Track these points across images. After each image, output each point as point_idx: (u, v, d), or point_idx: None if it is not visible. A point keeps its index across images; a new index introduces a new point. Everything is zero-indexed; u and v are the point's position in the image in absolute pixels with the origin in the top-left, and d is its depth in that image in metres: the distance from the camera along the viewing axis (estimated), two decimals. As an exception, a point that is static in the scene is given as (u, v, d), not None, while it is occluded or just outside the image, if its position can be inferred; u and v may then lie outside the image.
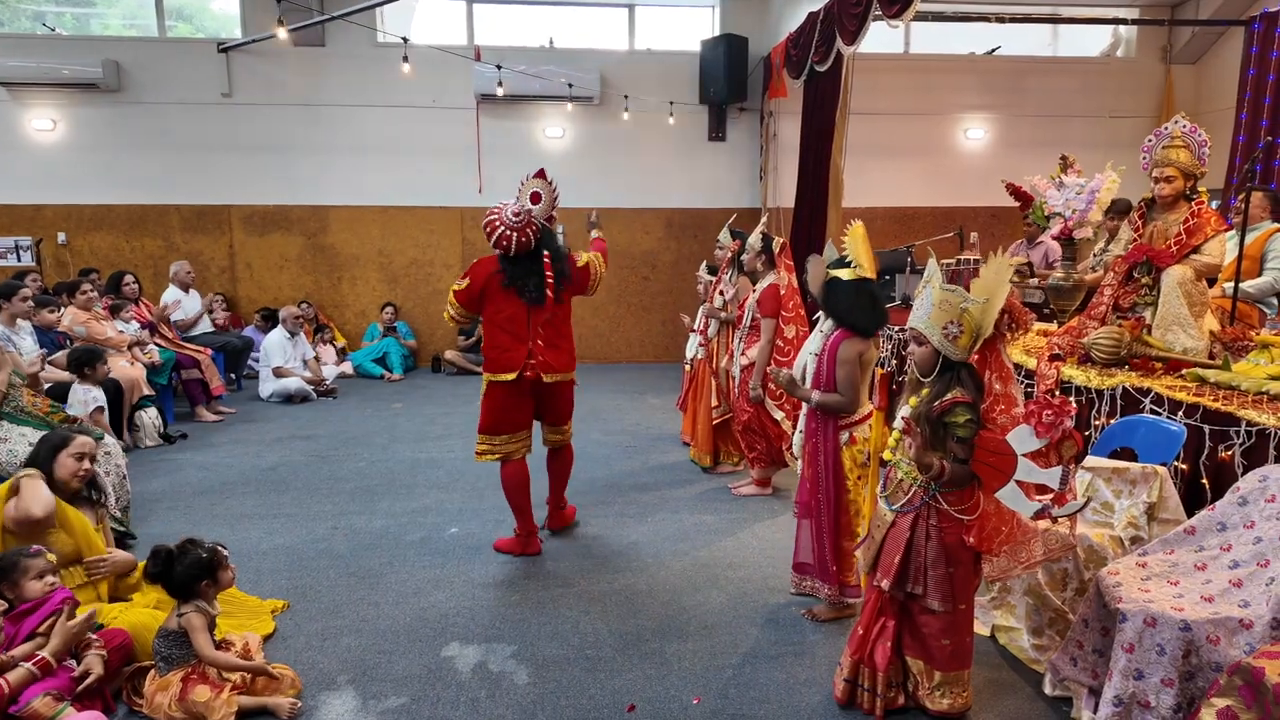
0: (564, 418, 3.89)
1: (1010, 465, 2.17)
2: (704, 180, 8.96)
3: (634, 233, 9.02)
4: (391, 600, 3.36)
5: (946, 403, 2.28)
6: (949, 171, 9.03)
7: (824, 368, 3.01)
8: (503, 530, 4.09)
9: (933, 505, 2.35)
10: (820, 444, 3.06)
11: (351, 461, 5.31)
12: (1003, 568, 2.32)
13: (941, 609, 2.35)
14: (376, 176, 8.54)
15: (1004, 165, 7.16)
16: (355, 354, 8.43)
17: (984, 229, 8.76)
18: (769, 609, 3.31)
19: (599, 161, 8.78)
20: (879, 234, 8.93)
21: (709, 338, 5.09)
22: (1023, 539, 2.29)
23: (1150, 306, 3.66)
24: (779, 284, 4.34)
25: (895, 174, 8.98)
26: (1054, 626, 2.82)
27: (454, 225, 8.78)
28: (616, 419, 6.51)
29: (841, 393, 2.99)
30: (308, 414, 6.68)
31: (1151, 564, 2.47)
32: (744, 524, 4.24)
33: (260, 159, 8.40)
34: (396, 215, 8.67)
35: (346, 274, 8.73)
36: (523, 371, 3.61)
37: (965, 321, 2.27)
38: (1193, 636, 2.16)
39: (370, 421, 6.41)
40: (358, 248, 8.69)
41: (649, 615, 3.25)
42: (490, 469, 4.23)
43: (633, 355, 9.25)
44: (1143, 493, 2.80)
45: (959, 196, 8.96)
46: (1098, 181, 4.08)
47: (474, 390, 7.53)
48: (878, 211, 9.03)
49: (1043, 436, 2.11)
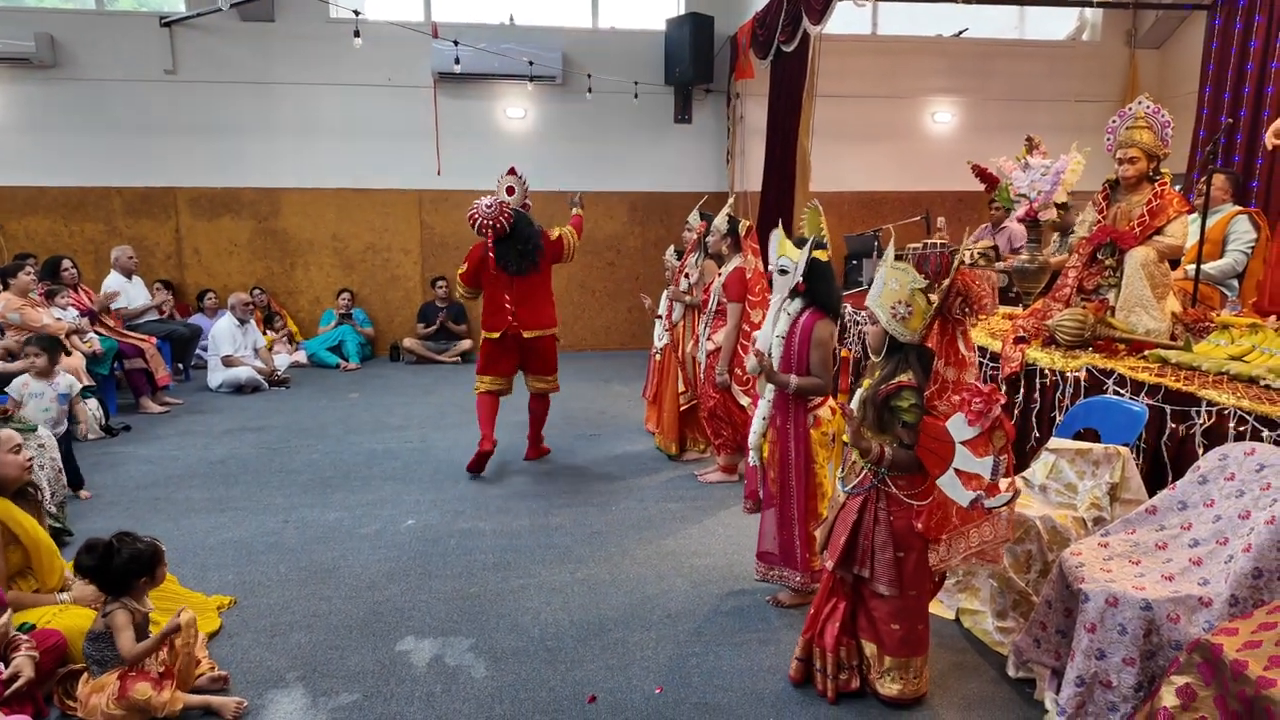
0: (548, 369, 4.88)
1: (949, 453, 2.17)
2: (670, 163, 8.93)
3: (598, 217, 8.96)
4: (344, 595, 3.31)
5: (892, 386, 2.28)
6: (917, 155, 9.11)
7: (794, 350, 3.00)
8: (462, 520, 4.11)
9: (882, 489, 2.35)
10: (791, 429, 3.06)
11: (304, 453, 5.24)
12: (943, 556, 2.32)
13: (889, 593, 2.36)
14: (330, 158, 8.39)
15: (971, 149, 7.23)
16: (309, 342, 8.31)
17: (951, 213, 8.85)
18: (734, 596, 3.32)
19: (562, 143, 8.70)
20: (847, 218, 8.99)
21: (674, 323, 5.07)
22: (963, 528, 2.29)
23: (1114, 288, 3.71)
24: (745, 267, 4.33)
25: (863, 158, 9.03)
26: (1018, 609, 2.85)
27: (411, 208, 8.66)
28: (581, 408, 6.49)
29: (818, 375, 2.98)
30: (259, 405, 6.57)
31: (1113, 544, 2.51)
32: (710, 511, 4.25)
33: (208, 139, 8.19)
34: (352, 198, 8.54)
35: (300, 259, 8.59)
36: (505, 331, 4.67)
37: (915, 302, 2.26)
38: (1153, 615, 2.19)
39: (325, 412, 6.33)
40: (311, 232, 8.54)
41: (611, 605, 3.24)
42: (447, 459, 5.03)
43: (598, 343, 9.22)
44: (1105, 473, 2.84)
45: (927, 181, 9.04)
46: (1062, 163, 4.12)
47: (434, 379, 7.51)
48: (846, 196, 9.08)
49: (975, 424, 2.11)
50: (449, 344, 8.53)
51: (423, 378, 7.65)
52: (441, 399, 6.80)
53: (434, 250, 8.82)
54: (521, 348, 4.76)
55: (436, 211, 8.73)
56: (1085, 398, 3.29)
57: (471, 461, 4.74)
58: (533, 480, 4.72)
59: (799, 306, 3.03)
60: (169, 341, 7.10)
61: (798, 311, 3.02)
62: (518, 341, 4.71)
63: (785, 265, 2.98)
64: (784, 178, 7.61)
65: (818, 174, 7.76)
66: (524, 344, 4.73)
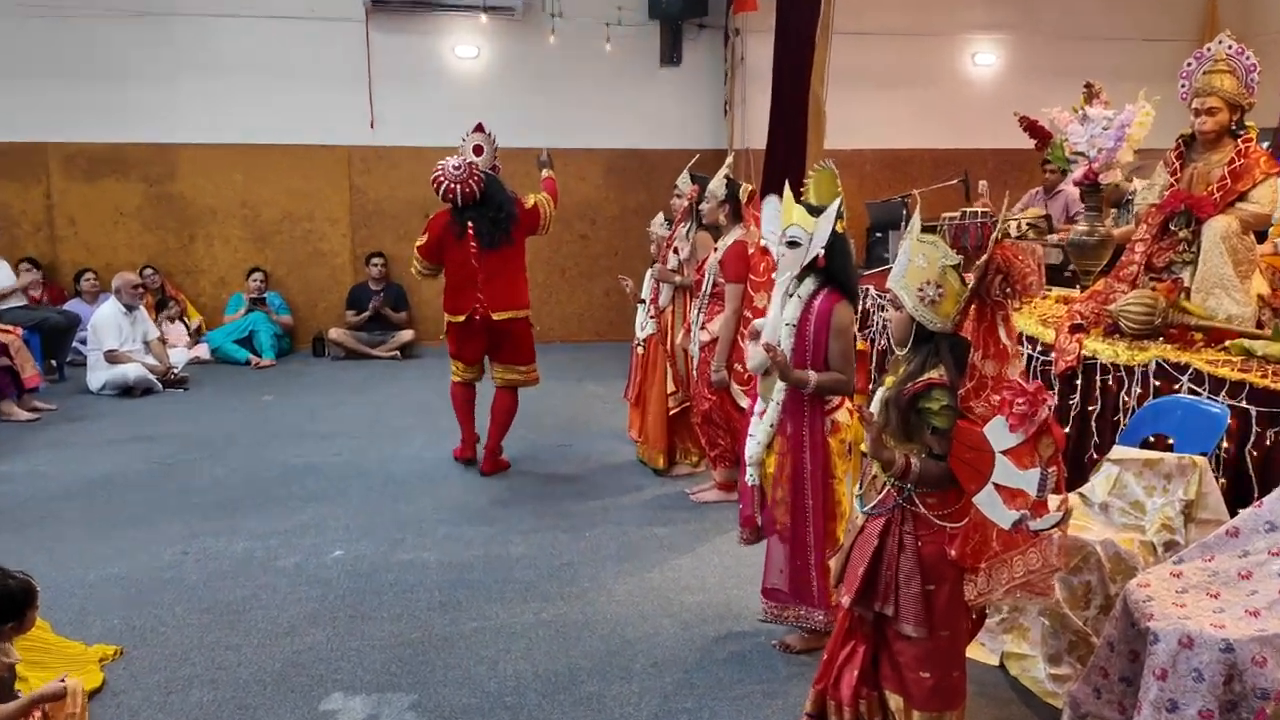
0: (520, 356, 5.07)
1: (987, 464, 2.17)
2: (655, 115, 8.91)
3: (567, 180, 8.88)
4: (256, 642, 3.29)
5: (920, 385, 2.28)
6: (953, 106, 9.14)
7: (809, 340, 3.00)
8: (401, 550, 4.11)
9: (908, 509, 2.35)
10: (806, 437, 3.06)
11: (207, 469, 5.22)
12: (982, 589, 2.32)
13: (916, 634, 2.36)
14: (239, 107, 8.30)
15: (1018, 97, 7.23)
16: (213, 333, 8.25)
17: (995, 175, 8.86)
18: (732, 640, 3.32)
19: (522, 89, 8.66)
20: (869, 181, 9.02)
21: (661, 308, 5.06)
22: (1005, 555, 2.29)
23: (1189, 265, 3.74)
24: (746, 241, 4.33)
25: (888, 108, 9.05)
26: (1074, 652, 2.88)
27: (339, 169, 8.60)
28: (549, 412, 6.48)
29: (841, 369, 2.98)
30: (151, 410, 6.53)
31: (1188, 573, 2.53)
32: (704, 537, 4.26)
33: (86, 86, 8.07)
34: (265, 156, 8.46)
35: (201, 231, 8.50)
36: (471, 314, 4.86)
37: (948, 282, 2.26)
38: (1235, 658, 2.21)
39: (232, 418, 6.31)
40: (215, 198, 8.46)
41: (585, 652, 3.23)
42: (384, 474, 5.11)
43: (568, 333, 9.20)
44: (1179, 488, 2.86)
45: (965, 136, 9.08)
46: (1128, 114, 4.14)
47: (367, 378, 7.48)
48: (867, 154, 9.10)
49: (1017, 430, 2.11)
50: (386, 335, 8.49)
51: (353, 376, 7.62)
52: (376, 401, 6.77)
53: (366, 220, 8.75)
54: (490, 332, 4.95)
55: (370, 173, 8.66)
56: (1154, 398, 3.31)
57: (460, 450, 5.24)
58: (489, 501, 4.71)
59: (813, 287, 3.02)
60: (39, 333, 7.00)
61: (811, 293, 3.02)
62: (486, 324, 4.90)
63: (796, 236, 2.97)
64: (793, 132, 7.61)
65: (834, 128, 7.75)
66: (493, 327, 4.92)
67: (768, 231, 3.24)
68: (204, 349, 8.12)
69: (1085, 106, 4.30)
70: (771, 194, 3.27)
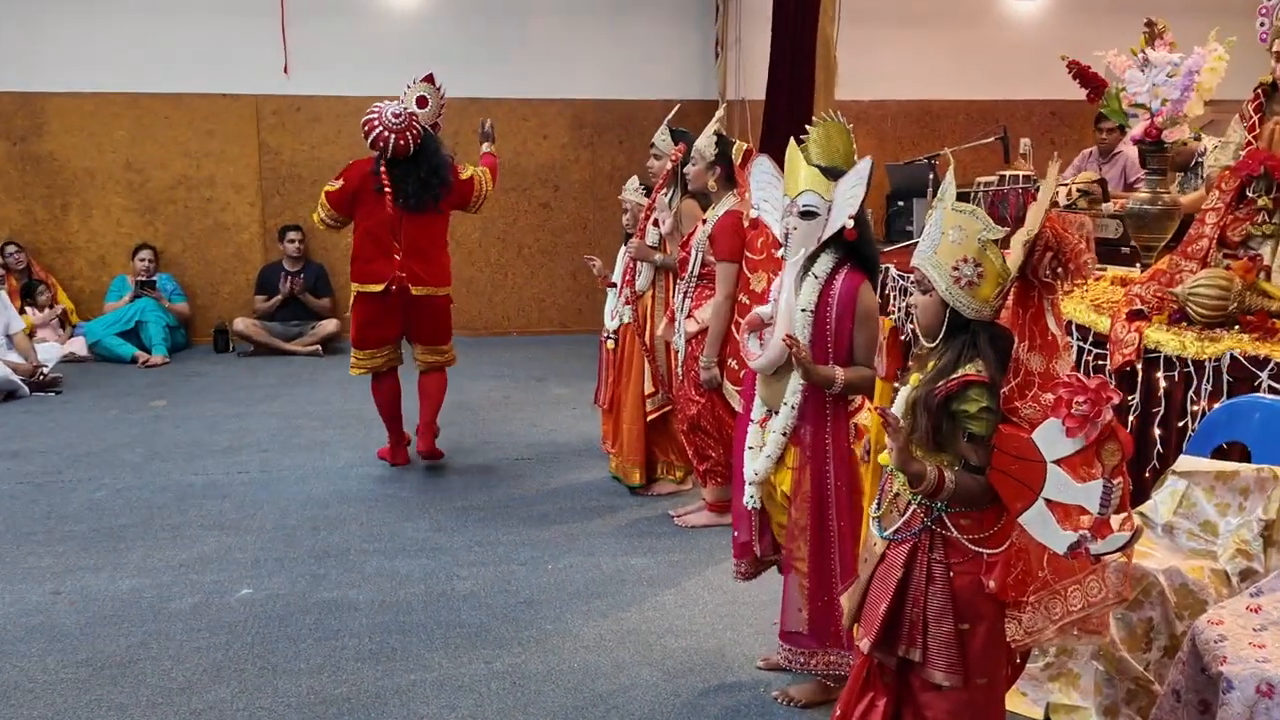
0: (439, 337, 5.38)
1: (1037, 476, 2.18)
2: (632, 58, 8.93)
3: (525, 137, 8.92)
4: (146, 701, 3.27)
5: (954, 383, 2.29)
6: (991, 49, 9.21)
7: (830, 329, 3.00)
8: (323, 587, 4.11)
9: (938, 532, 2.36)
10: (829, 446, 3.06)
11: (84, 491, 5.19)
12: (1031, 627, 2.32)
13: (948, 683, 2.37)
14: (121, 48, 8.28)
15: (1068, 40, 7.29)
16: (91, 324, 8.23)
17: (1039, 133, 8.96)
18: (725, 692, 3.32)
19: (471, 27, 8.67)
20: (890, 140, 9.07)
21: (638, 292, 5.06)
22: (1057, 585, 2.29)
23: (1269, 240, 3.78)
24: (741, 211, 4.34)
25: (913, 53, 9.10)
26: (1134, 703, 2.90)
27: (246, 123, 8.57)
28: (504, 420, 6.47)
29: (870, 363, 2.97)
30: (15, 418, 6.51)
31: (1268, 607, 2.56)
32: (691, 569, 4.27)
33: (-69, 18, 8.00)
34: (155, 108, 8.44)
35: (76, 200, 8.47)
36: (389, 284, 5.06)
37: (987, 260, 2.27)
38: (1324, 708, 2.24)
39: (115, 429, 6.27)
40: (92, 159, 8.43)
41: (546, 709, 3.23)
42: (302, 495, 5.10)
43: (527, 324, 9.21)
44: (1258, 506, 2.90)
45: (1005, 86, 9.16)
46: (1196, 58, 4.18)
47: (282, 378, 7.47)
48: (888, 107, 9.15)
49: (1076, 435, 2.11)
50: (304, 326, 8.46)
51: (264, 376, 7.58)
52: (293, 406, 6.75)
53: (280, 186, 8.71)
54: (406, 308, 5.19)
55: (283, 128, 8.63)
56: (1229, 397, 3.35)
57: (387, 452, 5.50)
58: (430, 527, 4.71)
59: (830, 264, 3.03)
60: (-125, 324, 6.95)
61: (829, 272, 3.03)
62: (403, 299, 5.13)
63: (813, 205, 2.97)
64: (798, 81, 7.63)
65: (848, 75, 7.78)
66: (410, 303, 5.17)
67: (759, 199, 3.24)
68: (80, 343, 8.08)
69: (1146, 49, 4.33)
70: (761, 155, 3.28)
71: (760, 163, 3.24)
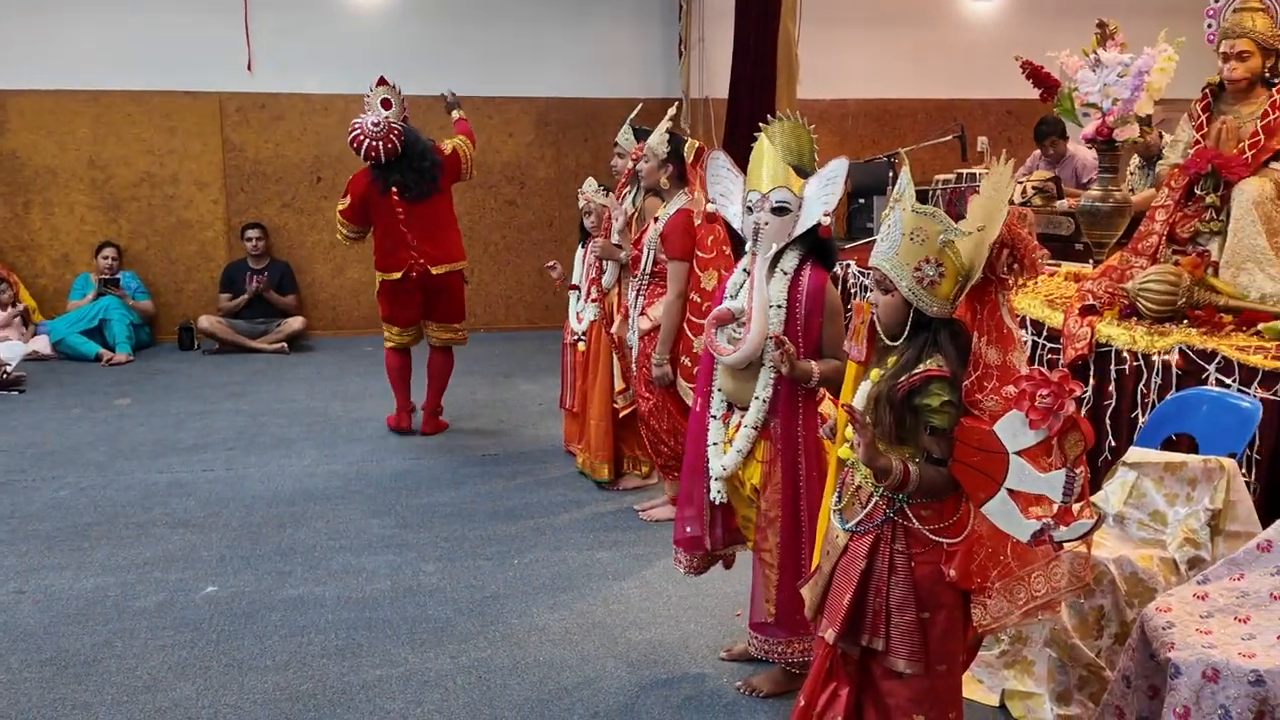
0: (455, 314, 5.95)
1: (1000, 467, 2.20)
2: (597, 56, 8.91)
3: (490, 135, 8.88)
4: (111, 699, 3.25)
5: (917, 378, 2.31)
6: (949, 49, 9.27)
7: (800, 324, 3.03)
8: (289, 584, 4.09)
9: (899, 523, 2.39)
10: (800, 438, 3.08)
11: (47, 490, 5.14)
12: (995, 613, 2.35)
13: (910, 671, 2.39)
14: (83, 45, 8.17)
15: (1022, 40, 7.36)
16: (55, 322, 8.14)
17: (996, 132, 9.04)
18: (689, 683, 3.34)
19: (436, 24, 8.61)
20: (851, 138, 9.11)
21: (605, 289, 5.04)
22: (1021, 572, 2.33)
23: (1217, 236, 3.84)
24: (693, 209, 4.34)
25: (874, 52, 9.15)
26: (1086, 689, 2.94)
27: (210, 120, 8.49)
28: (471, 415, 6.46)
29: (839, 356, 3.00)
30: (-22, 418, 6.40)
31: (1214, 594, 2.60)
32: (655, 561, 4.28)
33: (-113, 14, 7.86)
34: (117, 105, 8.34)
35: (38, 198, 8.36)
36: (408, 271, 5.66)
37: (948, 260, 2.29)
38: (1267, 692, 2.28)
39: (79, 427, 6.21)
40: (55, 156, 8.33)
41: (512, 702, 3.23)
42: (268, 493, 5.11)
43: (494, 320, 9.18)
44: (1204, 496, 2.94)
45: (962, 86, 9.22)
46: (1146, 59, 4.23)
47: (248, 376, 7.43)
48: (849, 105, 9.19)
49: (1039, 426, 2.14)
50: (269, 323, 8.39)
51: (230, 374, 7.53)
52: (258, 404, 6.71)
53: (244, 183, 8.63)
54: (427, 289, 5.76)
55: (247, 125, 8.54)
56: (1178, 390, 3.40)
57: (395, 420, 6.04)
58: (396, 523, 4.69)
59: (796, 260, 3.06)
60: None
61: (795, 268, 3.06)
62: (423, 281, 5.71)
63: (785, 201, 2.99)
64: (761, 79, 7.66)
65: (809, 74, 7.81)
66: (430, 283, 5.74)
67: (716, 194, 3.24)
68: (43, 342, 7.98)
69: (1098, 49, 4.38)
70: (716, 151, 3.29)
71: (716, 157, 3.26)
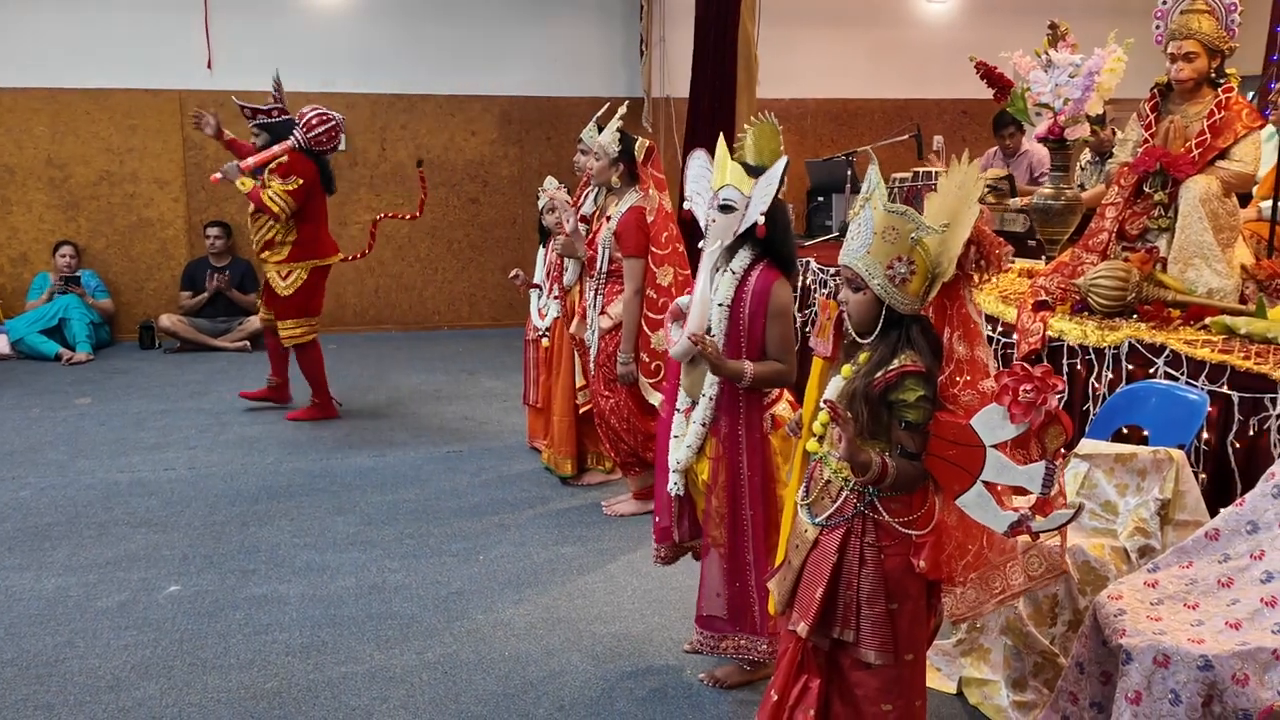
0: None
1: (976, 460, 2.22)
2: (560, 55, 8.90)
3: (453, 134, 8.84)
4: (74, 700, 3.21)
5: (892, 374, 2.32)
6: (905, 49, 9.34)
7: (744, 324, 3.03)
8: (253, 582, 4.07)
9: (869, 516, 2.40)
10: (742, 436, 3.09)
11: (8, 489, 5.09)
12: (971, 602, 2.39)
13: (879, 661, 2.41)
14: (40, 43, 8.07)
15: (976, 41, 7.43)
16: (14, 322, 8.04)
17: (951, 131, 9.12)
18: (653, 675, 3.35)
19: (399, 22, 8.56)
20: (810, 136, 9.16)
21: (566, 287, 5.03)
22: (997, 561, 2.36)
23: (1165, 233, 3.89)
24: (644, 207, 4.34)
25: (832, 52, 9.20)
26: (1040, 675, 2.98)
27: (169, 119, 8.40)
28: (436, 412, 6.44)
29: (780, 358, 3.02)
30: (-65, 418, 6.31)
31: (1164, 582, 2.64)
32: (618, 556, 4.29)
33: None
34: (75, 103, 8.25)
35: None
36: (348, 256, 6.43)
37: (918, 257, 2.31)
38: (1215, 676, 2.32)
39: (38, 427, 6.15)
40: (13, 155, 8.24)
41: (478, 697, 3.23)
42: (230, 491, 5.05)
43: (457, 318, 9.15)
44: (1154, 486, 2.98)
45: (918, 86, 9.29)
46: (1097, 60, 4.28)
47: (209, 374, 7.36)
48: (808, 105, 9.23)
49: (1019, 421, 2.16)
50: (231, 321, 8.32)
51: (191, 372, 7.48)
52: (220, 403, 6.67)
53: (205, 181, 8.48)
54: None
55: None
56: (1127, 383, 3.45)
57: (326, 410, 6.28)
58: (361, 520, 4.67)
59: (747, 260, 3.06)
60: None
61: (745, 268, 3.06)
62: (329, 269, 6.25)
63: (731, 199, 3.00)
64: (721, 79, 7.68)
65: (769, 74, 7.85)
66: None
67: (691, 192, 3.26)
68: (2, 341, 7.91)
69: (1050, 50, 4.43)
70: (698, 149, 3.29)
71: (697, 156, 3.26)
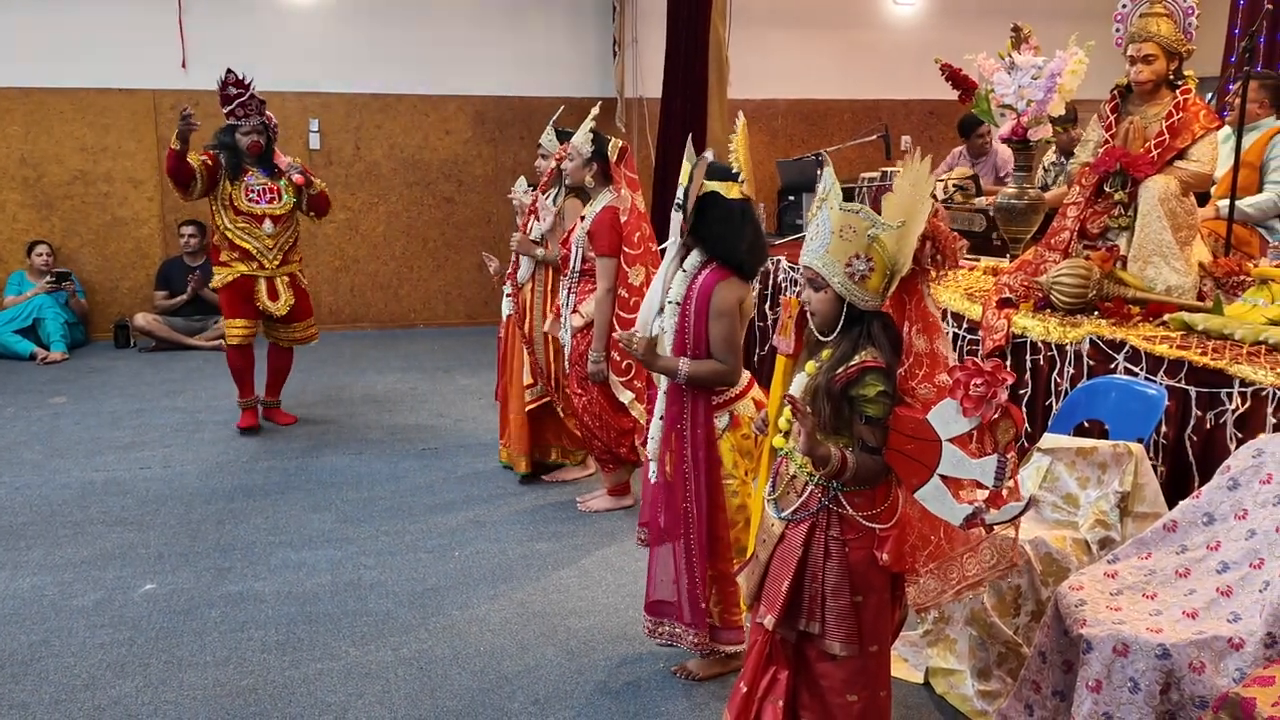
0: None
1: (933, 454, 2.24)
2: (533, 56, 8.88)
3: (427, 133, 8.81)
4: (49, 699, 3.19)
5: (853, 370, 2.34)
6: (873, 51, 9.38)
7: (690, 322, 3.05)
8: (229, 580, 4.05)
9: (834, 510, 2.42)
10: (686, 431, 3.11)
11: None
12: (931, 592, 2.41)
13: (845, 653, 2.43)
14: (13, 42, 7.97)
15: (942, 43, 7.50)
16: (-12, 322, 7.91)
17: (918, 131, 9.19)
18: (627, 667, 3.37)
19: (373, 22, 8.53)
20: (781, 137, 9.19)
21: (519, 283, 5.00)
22: (953, 553, 2.39)
23: (1125, 231, 3.94)
24: (618, 207, 4.35)
25: (802, 54, 9.22)
26: (1004, 665, 3.01)
27: (143, 118, 8.32)
28: (411, 410, 6.43)
29: (720, 358, 3.04)
30: (-92, 418, 6.24)
31: (1123, 573, 2.68)
32: (592, 550, 4.30)
33: None
34: (50, 103, 8.15)
35: (-31, 196, 8.14)
36: None
37: (876, 254, 2.33)
38: (1173, 665, 2.35)
39: (14, 426, 6.10)
40: (-14, 154, 8.11)
41: (453, 692, 3.23)
42: (205, 489, 5.02)
43: (432, 316, 9.12)
44: (1114, 479, 3.02)
45: (886, 86, 9.34)
46: (1059, 62, 4.33)
47: (186, 373, 7.32)
48: (779, 105, 9.26)
49: (972, 414, 2.18)
50: (206, 321, 8.25)
51: (167, 371, 7.44)
52: (196, 402, 6.63)
53: (181, 181, 8.45)
54: None
55: (185, 123, 8.37)
56: (1088, 378, 3.49)
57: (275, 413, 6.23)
58: (336, 518, 4.65)
59: (698, 260, 3.09)
60: None
61: (697, 266, 3.08)
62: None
63: (680, 199, 3.03)
64: (692, 80, 7.71)
65: (740, 75, 7.88)
66: None
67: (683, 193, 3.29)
68: (-23, 341, 7.79)
69: (1013, 53, 4.47)
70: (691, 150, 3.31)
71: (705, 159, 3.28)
